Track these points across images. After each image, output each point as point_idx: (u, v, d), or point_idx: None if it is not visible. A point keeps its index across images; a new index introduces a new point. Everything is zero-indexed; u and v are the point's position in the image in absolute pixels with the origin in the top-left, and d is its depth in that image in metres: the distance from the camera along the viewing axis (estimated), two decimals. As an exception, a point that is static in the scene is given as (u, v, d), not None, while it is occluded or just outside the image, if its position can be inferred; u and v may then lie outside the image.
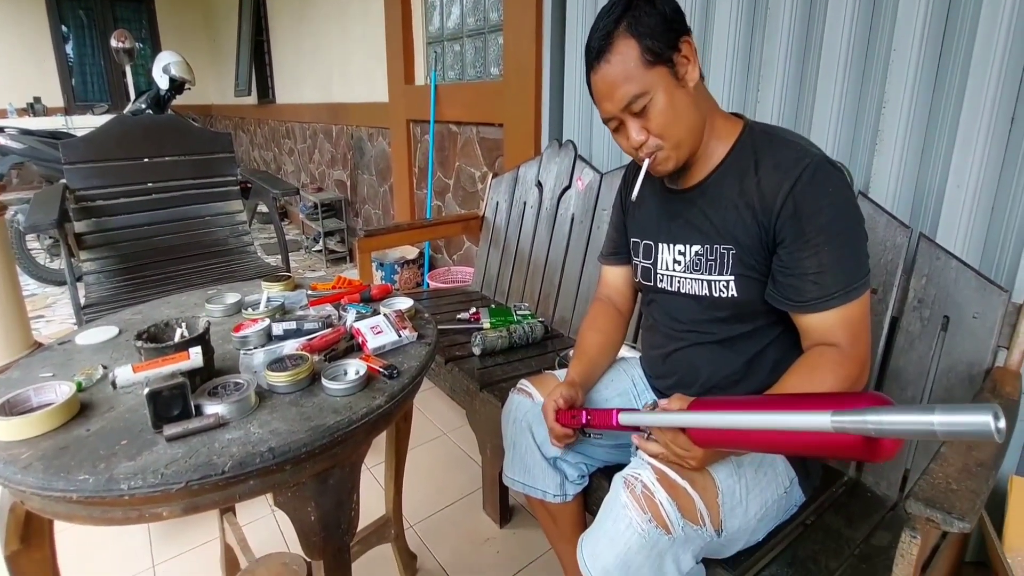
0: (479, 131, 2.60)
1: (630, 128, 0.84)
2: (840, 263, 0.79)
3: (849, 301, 0.80)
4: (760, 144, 0.86)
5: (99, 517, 0.64)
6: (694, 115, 0.84)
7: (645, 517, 0.76)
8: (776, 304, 0.85)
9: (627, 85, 0.80)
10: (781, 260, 0.83)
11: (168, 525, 1.49)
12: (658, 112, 0.81)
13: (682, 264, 0.94)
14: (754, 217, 0.84)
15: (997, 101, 1.05)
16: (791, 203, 0.80)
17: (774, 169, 0.82)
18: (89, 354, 0.92)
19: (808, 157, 0.81)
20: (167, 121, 2.31)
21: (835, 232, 0.79)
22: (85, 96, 6.65)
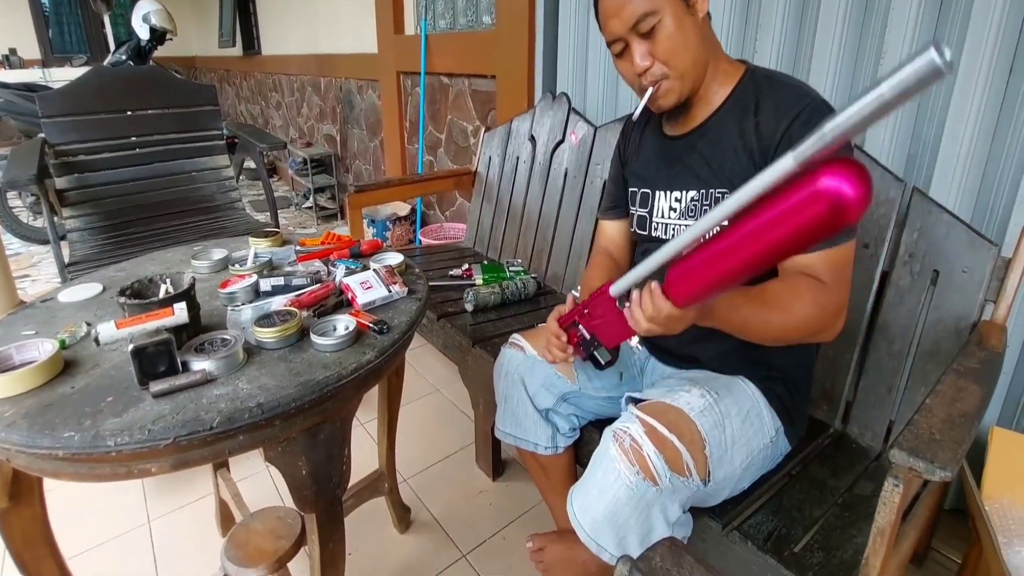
0: (471, 83, 2.52)
1: (635, 51, 0.82)
2: None
3: (834, 245, 0.79)
4: (761, 86, 0.85)
5: (86, 474, 0.64)
6: (701, 47, 0.83)
7: (633, 470, 0.77)
8: None
9: (636, 2, 0.78)
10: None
11: (162, 481, 1.51)
12: (666, 36, 0.80)
13: (678, 211, 0.93)
14: (751, 158, 0.84)
15: (996, 52, 1.03)
16: (787, 141, 0.80)
17: (774, 110, 0.82)
18: (72, 311, 0.91)
19: (808, 97, 0.81)
20: (148, 73, 2.22)
21: None
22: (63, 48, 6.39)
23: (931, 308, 1.04)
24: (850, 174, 0.47)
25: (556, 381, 1.06)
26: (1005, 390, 1.15)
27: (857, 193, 0.47)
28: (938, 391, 0.75)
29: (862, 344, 1.12)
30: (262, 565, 0.91)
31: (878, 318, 1.10)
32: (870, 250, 1.09)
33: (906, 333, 1.06)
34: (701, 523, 0.90)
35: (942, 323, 1.02)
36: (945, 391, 0.75)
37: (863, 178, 0.47)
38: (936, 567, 1.19)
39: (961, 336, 0.99)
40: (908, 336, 1.06)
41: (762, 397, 0.92)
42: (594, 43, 1.76)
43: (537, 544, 1.12)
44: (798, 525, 0.89)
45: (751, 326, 0.79)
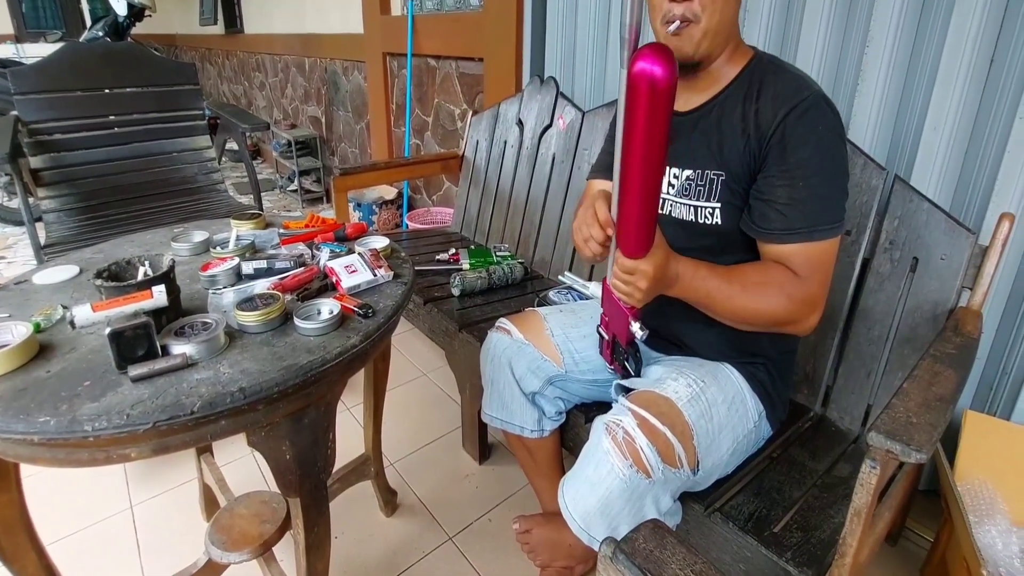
0: (458, 66, 2.49)
1: None
2: (811, 201, 0.79)
3: (812, 240, 0.80)
4: (766, 73, 0.85)
5: (64, 459, 0.63)
6: (733, 15, 0.82)
7: (626, 463, 0.78)
8: (744, 227, 0.86)
9: None
10: (757, 184, 0.83)
11: (145, 466, 1.50)
12: None
13: (675, 188, 0.93)
14: (747, 143, 0.84)
15: (978, 43, 1.04)
16: (780, 131, 0.80)
17: (774, 98, 0.82)
18: (48, 294, 0.89)
19: (807, 90, 0.80)
20: (125, 49, 2.16)
21: (813, 169, 0.79)
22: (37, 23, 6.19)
23: (910, 294, 1.05)
24: (651, 53, 0.60)
25: (543, 364, 1.06)
26: (979, 375, 1.17)
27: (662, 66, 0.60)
28: (915, 375, 0.76)
29: (843, 329, 1.14)
30: (247, 549, 0.91)
31: (858, 304, 1.12)
32: (852, 237, 1.10)
33: (885, 319, 1.08)
34: (684, 505, 0.91)
35: (920, 309, 1.04)
36: (922, 375, 0.76)
37: (663, 54, 0.60)
38: (909, 545, 1.23)
39: (938, 322, 1.01)
40: (887, 322, 1.08)
41: (745, 383, 0.93)
42: (583, 27, 1.74)
43: (523, 526, 1.13)
44: (778, 506, 0.90)
45: (716, 300, 0.81)
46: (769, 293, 0.80)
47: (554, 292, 1.51)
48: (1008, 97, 1.04)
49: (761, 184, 0.83)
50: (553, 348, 1.06)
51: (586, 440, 1.08)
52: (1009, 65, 1.03)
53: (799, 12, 1.27)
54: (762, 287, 0.80)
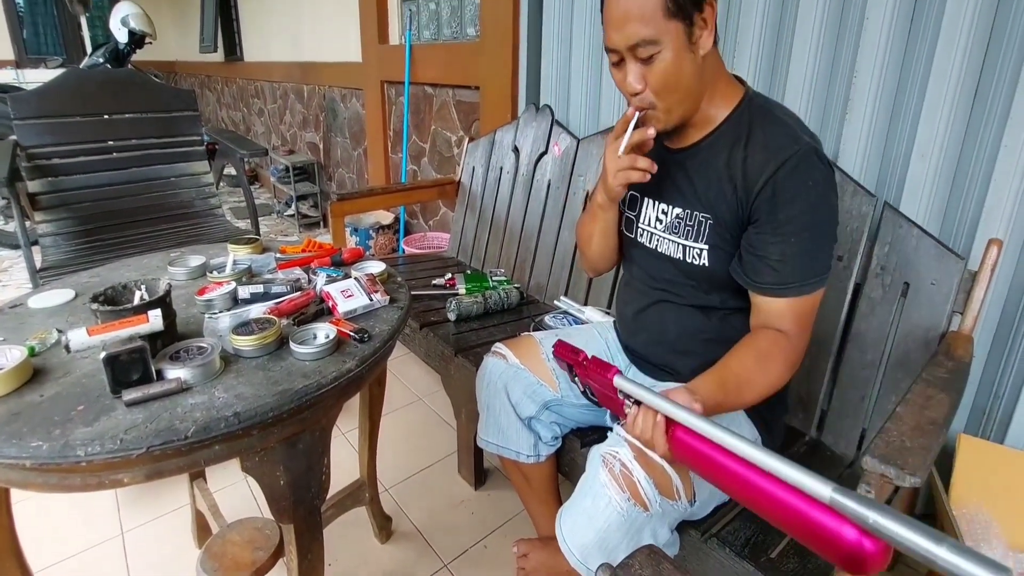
0: (455, 94, 2.54)
1: (630, 72, 0.80)
2: (802, 256, 0.80)
3: (803, 294, 0.81)
4: (756, 118, 0.84)
5: (56, 484, 0.63)
6: (695, 84, 0.82)
7: (624, 496, 0.77)
8: (735, 276, 0.87)
9: (640, 25, 0.76)
10: (749, 239, 0.84)
11: (137, 492, 1.47)
12: (661, 70, 0.78)
13: (663, 223, 0.94)
14: (734, 192, 0.84)
15: (962, 74, 1.07)
16: (771, 186, 0.79)
17: (763, 148, 0.81)
18: (43, 318, 0.89)
19: (798, 144, 0.79)
20: (125, 76, 2.19)
21: (804, 225, 0.79)
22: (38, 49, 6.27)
23: (902, 319, 1.07)
24: (877, 550, 0.48)
25: (538, 389, 1.06)
26: (972, 399, 1.18)
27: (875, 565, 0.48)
28: (908, 399, 0.77)
29: (836, 354, 1.15)
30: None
31: (851, 329, 1.13)
32: (843, 263, 1.12)
33: (878, 343, 1.09)
34: (680, 530, 0.90)
35: (912, 334, 1.05)
36: (914, 399, 0.77)
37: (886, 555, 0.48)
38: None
39: (930, 346, 1.02)
40: (880, 346, 1.09)
41: (741, 411, 0.93)
42: (577, 57, 1.78)
43: (521, 550, 1.13)
44: (774, 531, 0.90)
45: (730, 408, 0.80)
46: (772, 373, 0.80)
47: (550, 317, 1.52)
48: (992, 126, 1.07)
49: (753, 239, 0.83)
50: (548, 373, 1.06)
51: (582, 466, 1.08)
52: (992, 96, 1.07)
53: (787, 45, 1.30)
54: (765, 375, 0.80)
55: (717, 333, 0.94)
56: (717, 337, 0.94)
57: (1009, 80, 1.03)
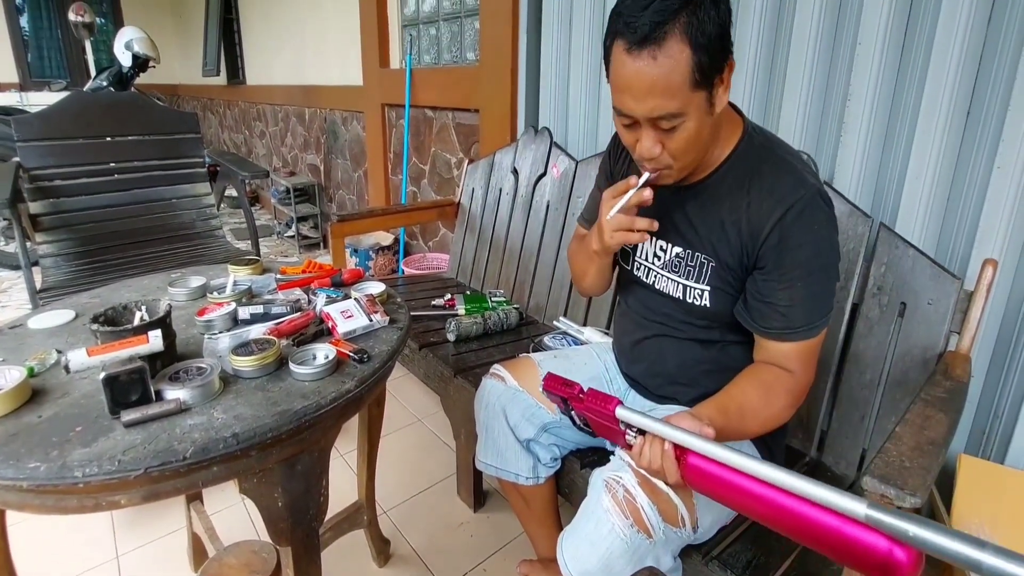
0: (455, 116, 2.57)
1: (645, 137, 0.76)
2: (809, 300, 0.80)
3: (809, 337, 0.81)
4: (758, 160, 0.82)
5: (53, 506, 0.62)
6: (711, 140, 0.80)
7: (627, 523, 0.76)
8: (740, 320, 0.86)
9: (665, 99, 0.70)
10: (756, 285, 0.83)
11: (132, 514, 1.46)
12: (683, 138, 0.75)
13: (661, 260, 0.93)
14: (739, 238, 0.83)
15: (954, 97, 1.09)
16: (778, 232, 0.78)
17: (768, 194, 0.79)
18: (42, 338, 0.89)
19: (804, 188, 0.78)
20: (129, 99, 2.22)
21: (811, 270, 0.79)
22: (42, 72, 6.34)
23: (899, 339, 1.07)
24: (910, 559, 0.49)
25: (537, 412, 1.05)
26: (971, 418, 1.18)
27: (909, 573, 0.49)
28: (907, 419, 0.77)
29: (835, 374, 1.15)
30: (232, 603, 0.88)
31: (849, 349, 1.13)
32: (840, 283, 1.12)
33: (876, 363, 1.09)
34: (682, 554, 0.89)
35: (910, 354, 1.05)
36: (913, 419, 0.77)
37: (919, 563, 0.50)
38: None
39: (928, 366, 1.02)
40: (878, 366, 1.09)
41: None
42: (575, 80, 1.82)
43: (523, 570, 1.12)
44: (776, 554, 0.89)
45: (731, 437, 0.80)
46: (775, 407, 0.81)
47: (549, 337, 1.52)
48: (985, 147, 1.09)
49: (760, 285, 0.82)
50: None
51: (582, 487, 1.08)
52: (985, 117, 1.08)
53: (782, 70, 1.33)
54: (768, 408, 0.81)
55: (717, 364, 0.94)
56: (717, 368, 0.93)
57: (1000, 102, 1.05)
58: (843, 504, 0.52)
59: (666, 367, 0.99)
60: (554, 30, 1.83)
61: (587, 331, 1.53)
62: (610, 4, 1.62)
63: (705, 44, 0.68)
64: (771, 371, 0.83)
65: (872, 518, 0.50)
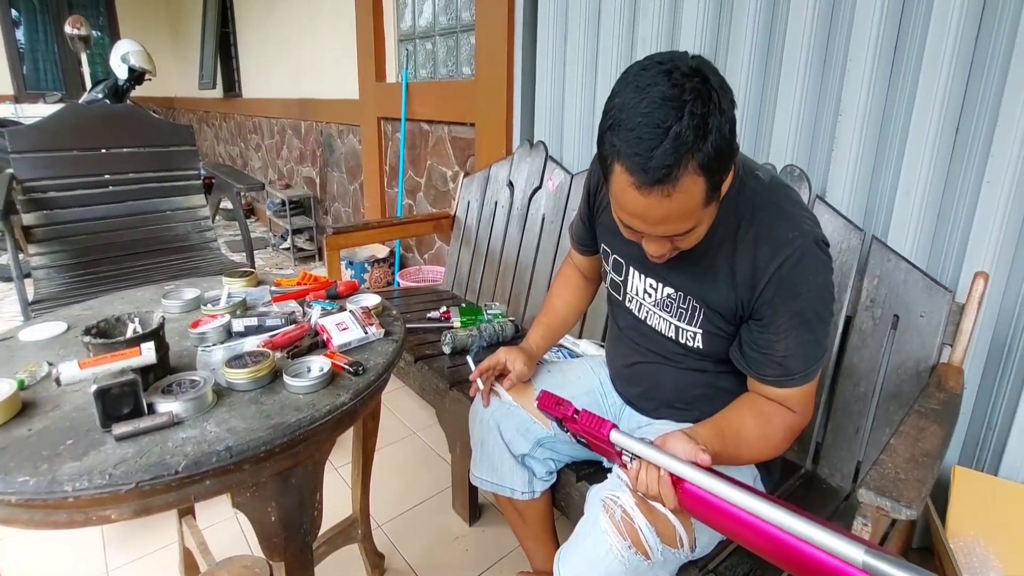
0: (451, 130, 2.59)
1: (651, 244, 0.76)
2: (805, 347, 0.79)
3: (807, 382, 0.81)
4: (751, 207, 0.79)
5: (42, 521, 0.61)
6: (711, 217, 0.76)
7: (625, 544, 0.76)
8: (736, 365, 0.86)
9: (679, 223, 0.70)
10: (752, 334, 0.82)
11: (123, 529, 1.43)
12: (695, 237, 0.75)
13: (652, 298, 0.92)
14: (733, 287, 0.81)
15: (943, 112, 1.11)
16: (772, 286, 0.77)
17: (763, 243, 0.77)
18: (34, 351, 0.88)
19: (800, 237, 0.76)
20: (124, 111, 2.23)
21: (807, 318, 0.78)
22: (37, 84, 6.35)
23: (893, 351, 1.08)
24: None
25: (531, 427, 1.05)
26: (964, 430, 1.18)
27: None
28: (901, 431, 0.77)
29: (829, 387, 1.15)
30: (223, 620, 0.87)
31: (843, 361, 1.13)
32: (834, 295, 1.13)
33: (870, 375, 1.10)
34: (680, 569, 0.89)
35: (903, 366, 1.06)
36: (908, 431, 0.77)
37: None
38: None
39: (921, 378, 1.03)
40: (872, 378, 1.09)
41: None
42: (570, 94, 1.84)
43: None
44: (771, 567, 0.88)
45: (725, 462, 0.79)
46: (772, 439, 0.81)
47: (544, 348, 1.52)
48: (975, 162, 1.10)
49: (756, 336, 0.81)
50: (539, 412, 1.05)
51: (578, 500, 1.07)
52: (974, 133, 1.10)
53: (774, 87, 1.35)
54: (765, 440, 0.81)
55: (714, 387, 0.93)
56: (714, 391, 0.93)
57: (989, 119, 1.07)
58: (841, 549, 0.52)
59: (662, 392, 0.98)
60: (549, 45, 1.85)
61: (583, 343, 1.53)
62: (604, 20, 1.66)
63: (717, 166, 0.66)
64: (769, 405, 0.83)
65: (869, 565, 0.50)
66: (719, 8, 1.42)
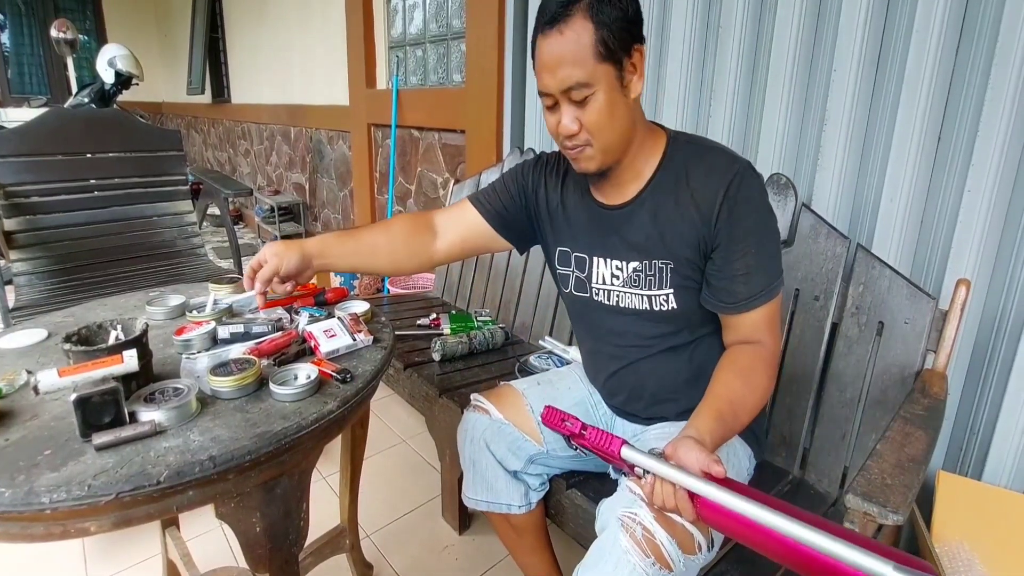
0: (441, 137, 2.59)
1: (564, 114, 0.83)
2: (763, 263, 0.84)
3: (772, 299, 0.85)
4: (687, 154, 0.88)
5: (18, 534, 0.60)
6: (628, 126, 0.85)
7: (648, 561, 0.74)
8: (709, 307, 0.89)
9: (573, 68, 0.78)
10: (715, 264, 0.86)
11: (105, 541, 1.41)
12: (595, 110, 0.80)
13: (620, 279, 0.94)
14: (692, 227, 0.86)
15: (925, 121, 1.13)
16: (725, 209, 0.83)
17: (707, 176, 0.85)
18: (12, 358, 0.86)
19: (737, 163, 0.85)
20: (110, 115, 2.20)
21: (759, 235, 0.84)
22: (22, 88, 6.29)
23: (878, 357, 1.09)
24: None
25: (523, 444, 1.03)
26: (948, 436, 1.19)
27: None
28: (887, 437, 0.78)
29: (816, 393, 1.16)
30: (206, 633, 0.85)
31: (829, 368, 1.14)
32: (820, 302, 1.15)
33: (856, 382, 1.10)
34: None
35: (888, 372, 1.07)
36: (894, 437, 0.78)
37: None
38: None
39: (906, 384, 1.04)
40: (858, 384, 1.10)
41: None
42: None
43: None
44: (760, 571, 0.88)
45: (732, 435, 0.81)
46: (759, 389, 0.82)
47: (535, 357, 1.51)
48: (956, 171, 1.12)
49: (718, 263, 0.85)
50: (533, 425, 1.03)
51: (569, 508, 1.07)
52: (955, 142, 1.12)
53: (760, 97, 1.37)
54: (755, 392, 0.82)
55: (691, 370, 0.95)
56: (692, 375, 0.95)
57: (970, 127, 1.09)
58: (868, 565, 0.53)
59: (646, 390, 0.99)
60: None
61: (572, 350, 1.53)
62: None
63: (607, 23, 0.77)
64: (745, 353, 0.85)
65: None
66: (706, 18, 1.43)
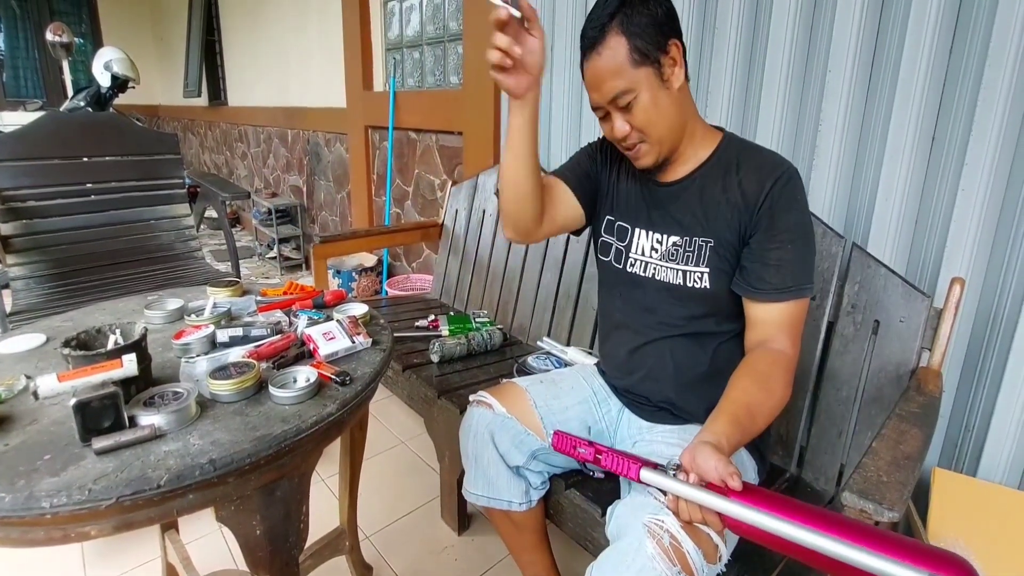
0: (438, 139, 2.60)
1: (615, 120, 0.89)
2: (798, 261, 0.87)
3: (800, 297, 0.87)
4: (741, 150, 0.94)
5: (18, 539, 0.60)
6: (676, 115, 0.90)
7: (675, 569, 0.74)
8: (738, 290, 0.91)
9: (613, 80, 0.85)
10: (750, 247, 0.90)
11: (104, 545, 1.41)
12: (641, 109, 0.86)
13: (659, 252, 0.98)
14: (734, 211, 0.90)
15: (920, 121, 1.13)
16: (769, 200, 0.88)
17: (756, 170, 0.90)
18: (11, 363, 0.86)
19: (785, 164, 0.90)
20: (107, 119, 2.20)
21: (798, 233, 0.88)
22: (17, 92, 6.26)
23: (874, 356, 1.09)
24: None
25: (526, 439, 1.04)
26: (943, 433, 1.20)
27: None
28: (883, 435, 0.78)
29: (812, 391, 1.16)
30: (207, 636, 0.85)
31: (826, 366, 1.15)
32: (816, 302, 1.15)
33: (852, 379, 1.11)
34: None
35: (884, 370, 1.08)
36: (889, 434, 0.78)
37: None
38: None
39: (902, 382, 1.05)
40: (854, 383, 1.11)
41: None
42: (556, 103, 1.85)
43: None
44: (759, 569, 0.89)
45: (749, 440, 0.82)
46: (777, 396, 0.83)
47: (533, 358, 1.52)
48: (950, 170, 1.13)
49: (754, 247, 0.89)
50: (537, 421, 1.04)
51: (567, 508, 1.07)
52: (949, 142, 1.13)
53: (756, 97, 1.37)
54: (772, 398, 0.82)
55: (711, 366, 0.97)
56: (710, 373, 0.96)
57: (963, 127, 1.10)
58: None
59: (666, 370, 1.00)
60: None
61: (571, 351, 1.53)
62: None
63: (638, 32, 0.83)
64: (763, 358, 0.86)
65: None
66: (702, 19, 1.44)
